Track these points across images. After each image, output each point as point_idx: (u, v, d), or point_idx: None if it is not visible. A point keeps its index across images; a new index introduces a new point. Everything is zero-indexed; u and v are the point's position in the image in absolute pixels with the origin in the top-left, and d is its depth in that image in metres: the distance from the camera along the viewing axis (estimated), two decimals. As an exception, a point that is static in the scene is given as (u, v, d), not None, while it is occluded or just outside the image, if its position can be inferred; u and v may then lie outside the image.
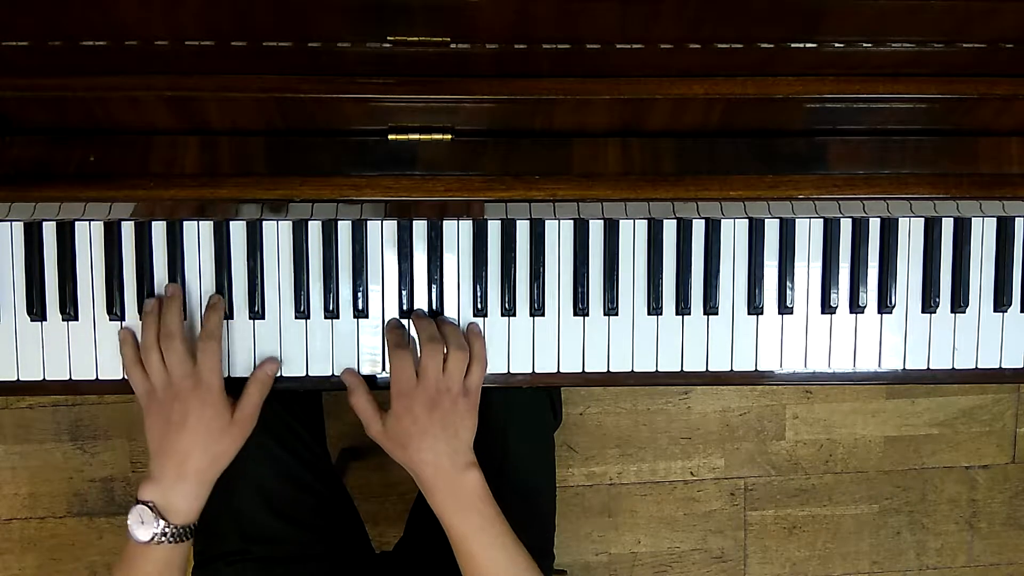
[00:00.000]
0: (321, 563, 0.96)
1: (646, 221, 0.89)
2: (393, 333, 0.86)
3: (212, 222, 0.87)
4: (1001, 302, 0.90)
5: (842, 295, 0.90)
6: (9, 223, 0.86)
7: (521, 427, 1.03)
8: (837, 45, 0.72)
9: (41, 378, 0.87)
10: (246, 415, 0.83)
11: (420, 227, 0.88)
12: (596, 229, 0.89)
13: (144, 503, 0.79)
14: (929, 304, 0.90)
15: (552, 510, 1.08)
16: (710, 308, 0.89)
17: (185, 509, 0.80)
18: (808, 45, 0.72)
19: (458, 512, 0.81)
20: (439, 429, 0.81)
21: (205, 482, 0.81)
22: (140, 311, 0.86)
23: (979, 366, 0.91)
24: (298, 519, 0.96)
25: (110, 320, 0.87)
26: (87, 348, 0.87)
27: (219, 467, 0.82)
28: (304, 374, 0.88)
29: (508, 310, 0.88)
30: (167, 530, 0.78)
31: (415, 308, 0.88)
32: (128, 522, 0.79)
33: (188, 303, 0.87)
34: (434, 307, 0.88)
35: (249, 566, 0.92)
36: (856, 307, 0.90)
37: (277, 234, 0.87)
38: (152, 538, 0.78)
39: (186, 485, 0.80)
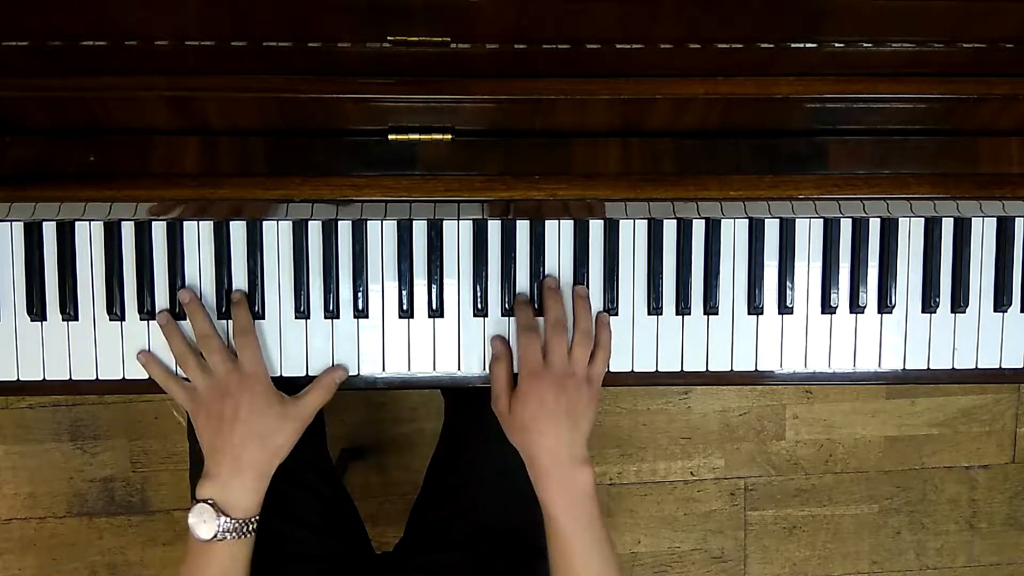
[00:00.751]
0: (322, 563, 0.96)
1: (646, 221, 0.89)
2: (523, 312, 0.86)
3: (212, 222, 0.87)
4: (1001, 302, 0.90)
5: (842, 295, 0.90)
6: (9, 223, 0.86)
7: None
8: (837, 45, 0.72)
9: (41, 378, 0.87)
10: (304, 413, 0.84)
11: (420, 227, 0.88)
12: (596, 229, 0.89)
13: (204, 501, 0.79)
14: (929, 304, 0.90)
15: None
16: (710, 308, 0.89)
17: (245, 503, 0.80)
18: (808, 45, 0.72)
19: (566, 507, 0.80)
20: (563, 415, 0.81)
21: (262, 475, 0.81)
22: (140, 311, 0.87)
23: (979, 366, 0.91)
24: (299, 519, 0.96)
25: (110, 320, 0.87)
26: (87, 348, 0.87)
27: (276, 460, 0.82)
28: (304, 374, 0.88)
29: (508, 310, 0.88)
30: (229, 525, 0.78)
31: (546, 275, 0.88)
32: (189, 522, 0.78)
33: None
34: (434, 307, 0.88)
35: (251, 566, 0.92)
36: (856, 307, 0.90)
37: (277, 234, 0.87)
38: (215, 535, 0.78)
39: (243, 479, 0.80)
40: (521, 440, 0.83)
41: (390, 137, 0.80)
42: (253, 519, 0.80)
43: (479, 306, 0.88)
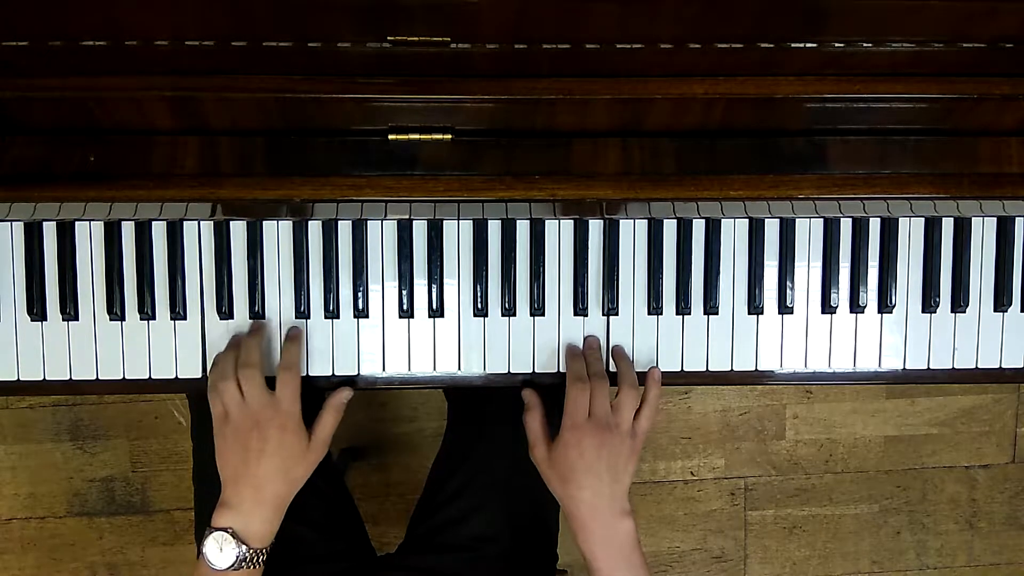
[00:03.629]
0: (324, 564, 0.96)
1: (646, 221, 0.89)
2: (574, 363, 0.86)
3: (212, 222, 0.87)
4: (1001, 302, 0.90)
5: (842, 295, 0.90)
6: (9, 223, 0.86)
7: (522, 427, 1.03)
8: (837, 45, 0.72)
9: (41, 378, 0.87)
10: (321, 441, 0.84)
11: (420, 227, 0.88)
12: (596, 229, 0.89)
13: (223, 529, 0.79)
14: (929, 304, 0.90)
15: (556, 511, 1.08)
16: (710, 308, 0.89)
17: (263, 533, 0.80)
18: (808, 45, 0.72)
19: (608, 558, 0.80)
20: (604, 469, 0.80)
21: (281, 507, 0.82)
22: (140, 311, 0.87)
23: (979, 366, 0.91)
24: (302, 520, 0.96)
25: (110, 320, 0.87)
26: (87, 348, 0.87)
27: (293, 491, 0.83)
28: (304, 374, 0.88)
29: (508, 310, 0.88)
30: (247, 555, 0.78)
31: (588, 336, 0.89)
32: (204, 551, 0.78)
33: (187, 303, 0.87)
34: (434, 307, 0.88)
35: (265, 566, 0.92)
36: (856, 307, 0.90)
37: (277, 234, 0.87)
38: (233, 564, 0.78)
39: (264, 510, 0.80)
40: (560, 491, 0.83)
41: (390, 137, 0.80)
42: (267, 549, 0.81)
43: (479, 306, 0.88)
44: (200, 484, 1.01)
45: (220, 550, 0.78)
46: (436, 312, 0.88)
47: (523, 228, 0.88)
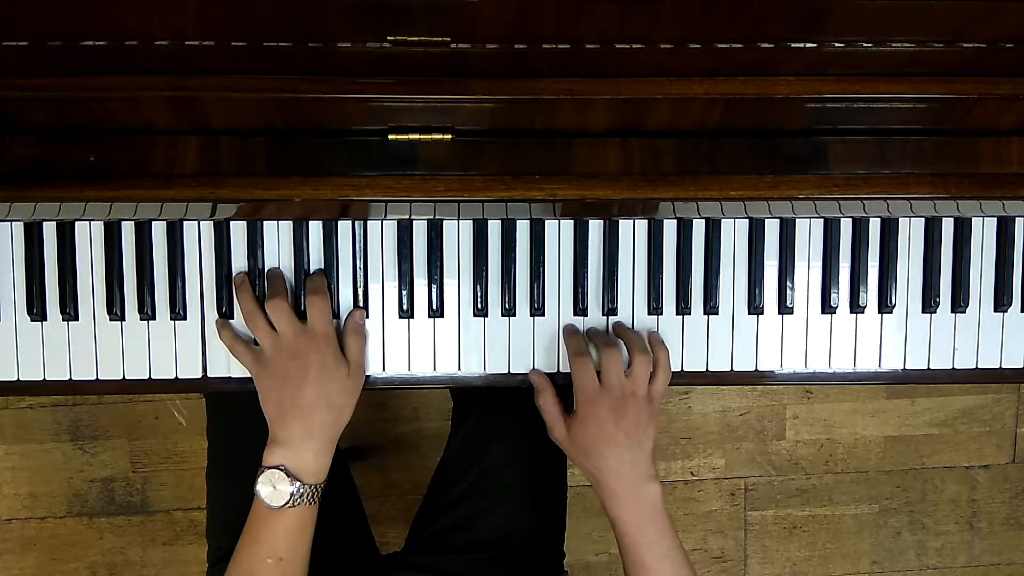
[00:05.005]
0: (330, 560, 0.96)
1: (646, 221, 0.89)
2: (572, 340, 0.86)
3: (212, 222, 0.87)
4: (1001, 302, 0.90)
5: (842, 295, 0.90)
6: (9, 223, 0.86)
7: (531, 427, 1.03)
8: (837, 45, 0.72)
9: (41, 378, 0.87)
10: (356, 364, 0.83)
11: (420, 227, 0.88)
12: (596, 229, 0.89)
13: (274, 467, 0.77)
14: (929, 304, 0.90)
15: (563, 508, 1.08)
16: (710, 308, 0.89)
17: (316, 467, 0.79)
18: (808, 45, 0.72)
19: (635, 523, 0.80)
20: (623, 437, 0.80)
21: (330, 439, 0.80)
22: (140, 311, 0.87)
23: (979, 366, 0.91)
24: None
25: (110, 320, 0.87)
26: (87, 348, 0.87)
27: (341, 423, 0.81)
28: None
29: (508, 310, 0.88)
30: (302, 491, 0.77)
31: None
32: (257, 489, 0.77)
33: (187, 302, 0.87)
34: (434, 307, 0.88)
35: None
36: (856, 307, 0.90)
37: (277, 234, 0.87)
38: (288, 501, 0.77)
39: (314, 442, 0.79)
40: (585, 464, 0.83)
41: (390, 137, 0.80)
42: (321, 485, 0.79)
43: (479, 306, 0.88)
44: (213, 485, 1.01)
45: (274, 488, 0.77)
46: (436, 312, 0.88)
47: (523, 228, 0.88)
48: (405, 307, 0.88)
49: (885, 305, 0.90)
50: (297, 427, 0.78)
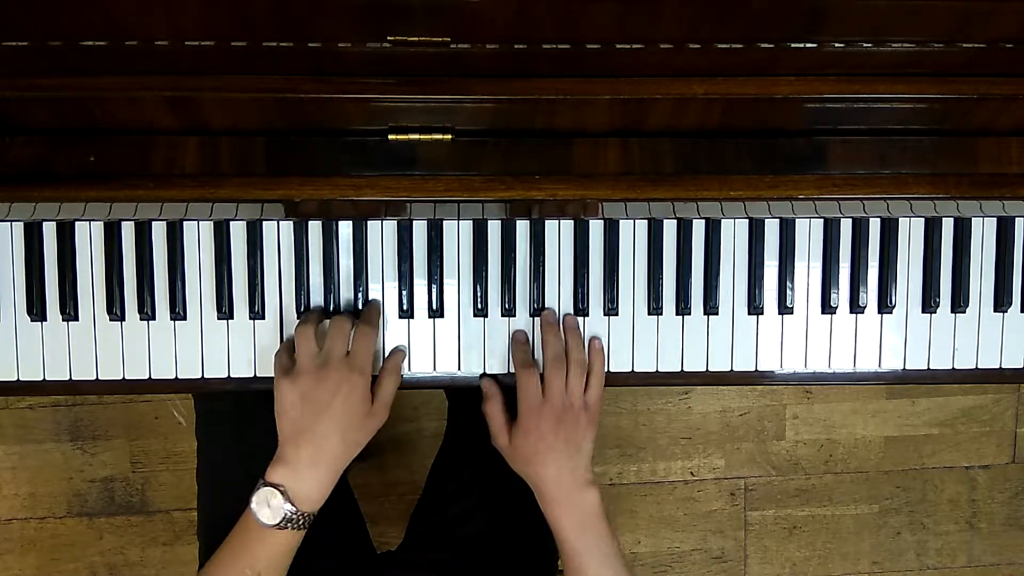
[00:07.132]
0: (325, 560, 0.96)
1: (646, 221, 0.89)
2: (520, 350, 0.87)
3: (212, 222, 0.87)
4: (1001, 302, 0.90)
5: (842, 295, 0.90)
6: (9, 223, 0.86)
7: None
8: (837, 45, 0.72)
9: (41, 378, 0.87)
10: (383, 405, 0.84)
11: (420, 227, 0.88)
12: (596, 229, 0.89)
13: (274, 485, 0.77)
14: (929, 304, 0.90)
15: None
16: (710, 308, 0.89)
17: (315, 497, 0.79)
18: (808, 45, 0.72)
19: (574, 528, 0.82)
20: (563, 445, 0.82)
21: (336, 471, 0.80)
22: (140, 311, 0.87)
23: (979, 366, 0.91)
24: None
25: (110, 320, 0.87)
26: (87, 348, 0.87)
27: (350, 457, 0.81)
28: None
29: (508, 310, 0.88)
30: (295, 516, 0.77)
31: (545, 307, 0.89)
32: (252, 502, 0.77)
33: (187, 303, 0.87)
34: (434, 307, 0.88)
35: None
36: (856, 307, 0.90)
37: (277, 234, 0.87)
38: (279, 523, 0.76)
39: (319, 472, 0.79)
40: (526, 471, 0.84)
41: (390, 137, 0.80)
42: (313, 515, 0.79)
43: (479, 306, 0.88)
44: (203, 486, 1.01)
45: (268, 506, 0.77)
46: (436, 312, 0.88)
47: (523, 228, 0.88)
48: (405, 307, 0.88)
49: (885, 305, 0.90)
50: (307, 452, 0.78)
